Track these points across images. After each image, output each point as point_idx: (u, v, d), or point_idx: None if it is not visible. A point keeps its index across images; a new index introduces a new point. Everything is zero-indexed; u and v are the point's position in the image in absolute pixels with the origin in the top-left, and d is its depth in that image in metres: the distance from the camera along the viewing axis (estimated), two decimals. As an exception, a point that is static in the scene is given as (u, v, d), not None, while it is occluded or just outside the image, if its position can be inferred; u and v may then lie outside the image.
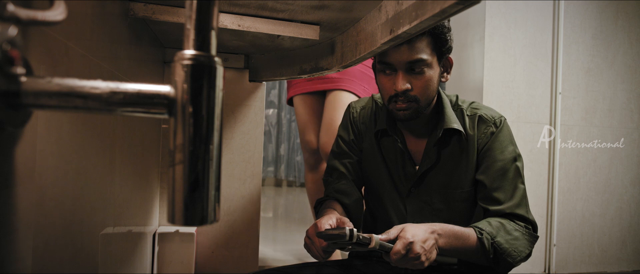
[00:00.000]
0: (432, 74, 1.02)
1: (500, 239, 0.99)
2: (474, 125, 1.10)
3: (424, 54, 0.99)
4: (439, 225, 0.97)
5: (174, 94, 0.37)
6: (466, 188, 1.10)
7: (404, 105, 1.02)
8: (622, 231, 2.27)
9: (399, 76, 1.00)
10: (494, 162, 1.07)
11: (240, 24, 1.08)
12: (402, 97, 1.02)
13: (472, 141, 1.09)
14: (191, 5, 0.37)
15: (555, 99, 2.13)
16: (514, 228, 1.03)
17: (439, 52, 1.03)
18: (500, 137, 1.08)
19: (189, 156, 0.37)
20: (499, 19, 2.04)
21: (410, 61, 0.99)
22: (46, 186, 0.55)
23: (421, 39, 0.99)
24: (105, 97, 0.37)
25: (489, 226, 1.01)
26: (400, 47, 0.98)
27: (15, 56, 0.37)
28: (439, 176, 1.10)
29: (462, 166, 1.09)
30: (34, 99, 0.38)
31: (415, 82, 1.01)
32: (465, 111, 1.12)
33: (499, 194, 1.05)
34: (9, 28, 0.37)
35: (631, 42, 2.26)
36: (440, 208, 1.11)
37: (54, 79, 0.38)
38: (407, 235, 0.89)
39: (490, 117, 1.10)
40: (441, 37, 1.01)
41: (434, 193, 1.11)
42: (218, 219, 0.39)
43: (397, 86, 1.00)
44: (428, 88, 1.03)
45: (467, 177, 1.09)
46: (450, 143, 1.09)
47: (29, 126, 0.44)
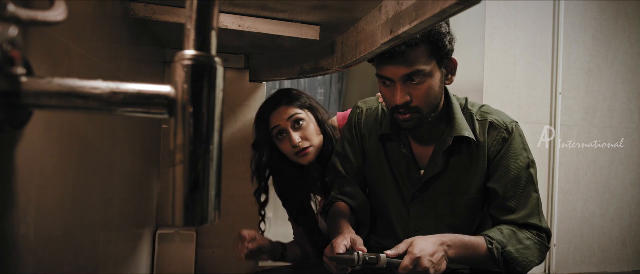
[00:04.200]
0: (431, 81, 0.99)
1: (511, 248, 0.99)
2: (485, 131, 1.06)
3: (420, 64, 0.96)
4: (449, 236, 0.97)
5: (174, 94, 0.37)
6: (472, 195, 1.07)
7: (407, 115, 1.00)
8: (622, 231, 2.27)
9: (397, 89, 0.98)
10: (507, 171, 1.04)
11: (240, 24, 1.08)
12: (403, 109, 0.99)
13: (483, 148, 1.06)
14: (191, 5, 0.37)
15: (555, 99, 2.13)
16: (526, 236, 1.02)
17: (438, 57, 0.99)
18: (513, 144, 1.05)
19: (189, 156, 0.37)
20: (499, 19, 2.04)
21: (406, 74, 0.97)
22: (46, 186, 0.55)
23: (415, 49, 0.95)
24: (105, 97, 0.37)
25: (500, 235, 1.00)
26: (395, 59, 0.96)
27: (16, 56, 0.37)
28: (445, 182, 1.08)
29: (471, 173, 1.06)
30: (34, 99, 0.38)
31: (415, 93, 0.98)
32: (475, 115, 1.08)
33: (512, 203, 1.04)
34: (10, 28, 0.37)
35: (631, 42, 2.26)
36: (444, 214, 1.09)
37: (54, 79, 0.38)
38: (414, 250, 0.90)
39: (502, 123, 1.06)
40: (438, 44, 0.98)
41: (438, 199, 1.09)
42: (218, 220, 0.39)
43: (396, 100, 0.98)
44: (429, 96, 1.00)
45: (474, 184, 1.07)
46: (459, 150, 1.06)
47: (29, 126, 0.44)
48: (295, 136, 1.31)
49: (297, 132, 1.32)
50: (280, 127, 1.33)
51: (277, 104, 1.35)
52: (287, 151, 1.35)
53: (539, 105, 2.12)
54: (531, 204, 1.05)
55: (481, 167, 1.06)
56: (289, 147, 1.33)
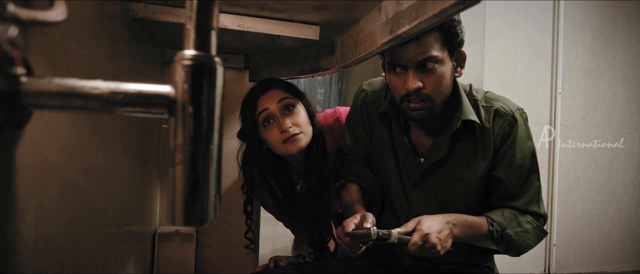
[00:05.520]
0: (444, 70, 0.97)
1: (510, 230, 1.04)
2: (490, 118, 1.06)
3: (434, 50, 0.94)
4: (454, 216, 1.01)
5: (174, 94, 0.37)
6: (475, 181, 1.08)
7: (417, 105, 0.98)
8: (622, 231, 2.27)
9: (410, 75, 0.95)
10: (513, 161, 1.06)
11: (240, 24, 1.08)
12: (415, 97, 0.97)
13: (489, 135, 1.06)
14: (191, 6, 0.37)
15: (555, 99, 2.13)
16: (526, 220, 1.06)
17: (450, 47, 0.98)
18: (519, 133, 1.06)
19: (189, 156, 0.37)
20: (499, 19, 2.04)
21: (420, 59, 0.94)
22: (46, 186, 0.55)
23: (430, 35, 0.94)
24: (105, 97, 0.37)
25: (501, 217, 1.05)
26: (409, 44, 0.94)
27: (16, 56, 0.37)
28: (448, 169, 1.08)
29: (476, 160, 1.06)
30: (34, 99, 0.38)
31: (427, 80, 0.96)
32: (480, 101, 1.08)
33: (515, 190, 1.07)
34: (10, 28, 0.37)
35: (631, 42, 2.26)
36: (445, 200, 1.09)
37: (54, 79, 0.38)
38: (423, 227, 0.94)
39: (508, 111, 1.06)
40: (451, 31, 0.96)
41: (440, 185, 1.09)
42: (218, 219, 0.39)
43: (408, 85, 0.95)
44: (441, 85, 0.98)
45: (477, 170, 1.07)
46: (465, 136, 1.06)
47: (29, 126, 0.44)
48: (287, 121, 1.19)
49: (288, 118, 1.20)
50: (268, 111, 1.20)
51: (267, 88, 1.23)
52: (274, 139, 1.21)
53: (539, 105, 2.12)
54: (532, 191, 1.08)
55: (487, 155, 1.07)
56: (277, 135, 1.19)
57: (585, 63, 2.19)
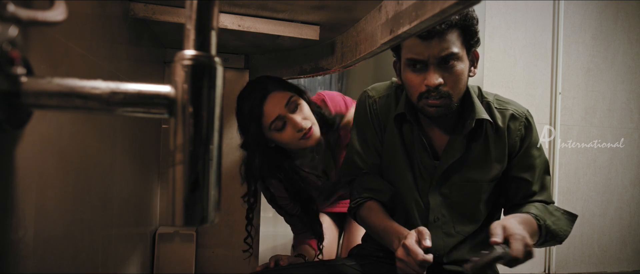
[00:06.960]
0: (463, 67, 0.98)
1: (549, 221, 1.04)
2: (506, 120, 1.08)
3: (455, 47, 0.95)
4: (512, 216, 1.01)
5: (174, 94, 0.37)
6: (487, 181, 1.08)
7: (436, 101, 0.97)
8: (622, 231, 2.27)
9: (431, 71, 0.95)
10: (533, 161, 1.09)
11: (240, 24, 1.08)
12: (435, 93, 0.96)
13: (503, 137, 1.07)
14: (191, 6, 0.37)
15: (555, 99, 2.13)
16: (554, 209, 1.09)
17: (468, 45, 0.99)
18: (533, 134, 1.10)
19: (189, 156, 0.37)
20: (499, 19, 2.04)
21: (442, 55, 0.94)
22: (46, 186, 0.55)
23: (451, 32, 0.94)
24: (105, 98, 0.37)
25: (536, 210, 1.05)
26: (431, 41, 0.94)
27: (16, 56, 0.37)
28: (462, 169, 1.07)
29: (489, 160, 1.07)
30: (34, 99, 0.38)
31: (448, 77, 0.96)
32: (492, 103, 1.10)
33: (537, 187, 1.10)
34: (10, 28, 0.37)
35: (631, 42, 2.26)
36: (459, 201, 1.08)
37: (55, 79, 0.38)
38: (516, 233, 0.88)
39: (521, 113, 1.10)
40: (471, 30, 0.97)
41: (455, 186, 1.08)
42: (218, 220, 0.39)
43: (430, 81, 0.95)
44: (460, 82, 0.98)
45: (491, 171, 1.07)
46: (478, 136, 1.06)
47: (29, 126, 0.44)
48: (298, 118, 1.19)
49: (297, 115, 1.21)
50: (280, 116, 1.19)
51: (265, 94, 1.20)
52: (290, 138, 1.21)
53: (539, 105, 2.12)
54: (547, 184, 1.13)
55: (500, 155, 1.07)
56: (293, 134, 1.20)
57: (585, 63, 2.19)
